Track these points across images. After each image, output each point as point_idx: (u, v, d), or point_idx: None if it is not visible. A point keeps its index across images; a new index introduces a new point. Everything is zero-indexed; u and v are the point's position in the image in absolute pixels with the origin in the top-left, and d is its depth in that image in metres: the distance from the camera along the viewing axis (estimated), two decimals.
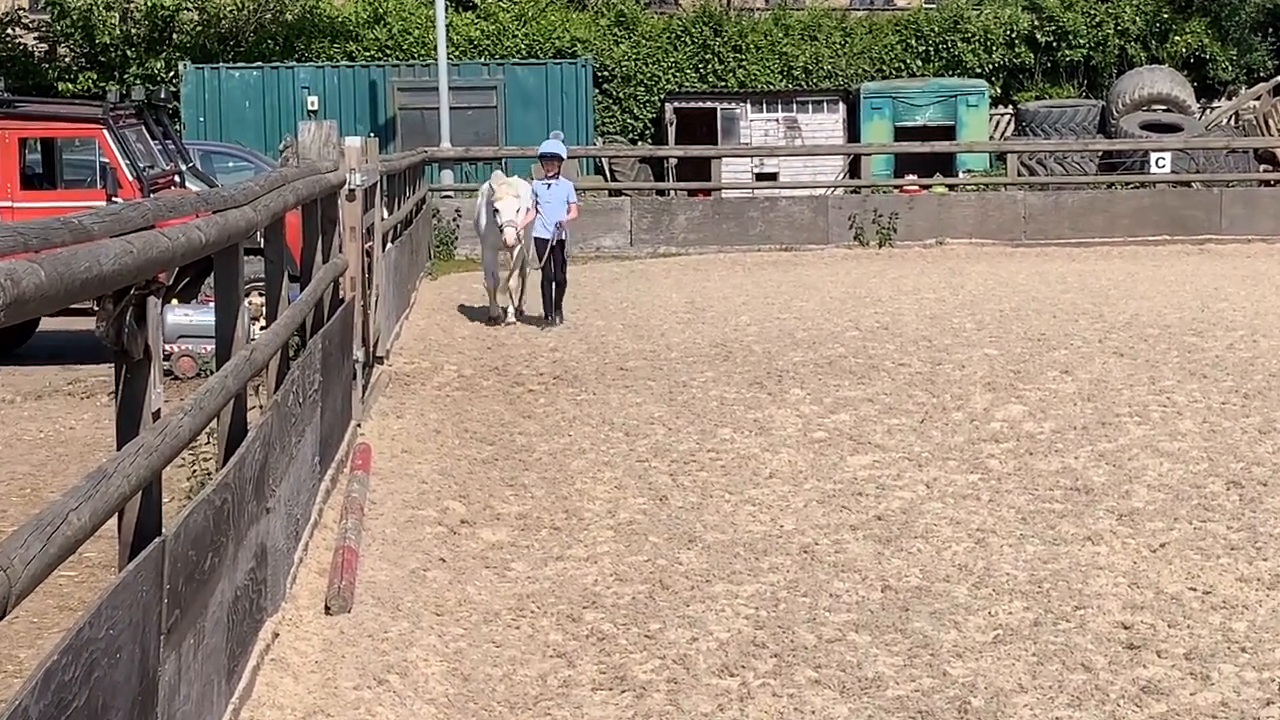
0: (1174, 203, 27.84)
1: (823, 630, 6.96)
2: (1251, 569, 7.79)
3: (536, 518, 9.13)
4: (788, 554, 8.24)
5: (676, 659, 6.62)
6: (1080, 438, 10.99)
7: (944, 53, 37.45)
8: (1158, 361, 14.14)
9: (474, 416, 12.26)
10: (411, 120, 33.67)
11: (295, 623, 6.90)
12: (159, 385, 4.91)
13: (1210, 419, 11.53)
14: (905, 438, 11.17)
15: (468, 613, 7.30)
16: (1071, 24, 37.41)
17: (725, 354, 15.08)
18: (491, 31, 36.58)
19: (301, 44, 35.95)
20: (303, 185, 8.57)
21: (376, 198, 14.24)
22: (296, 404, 7.67)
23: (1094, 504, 9.14)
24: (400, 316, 17.12)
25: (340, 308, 10.57)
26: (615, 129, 36.53)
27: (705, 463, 10.50)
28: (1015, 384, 13.11)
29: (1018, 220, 27.31)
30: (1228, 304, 18.45)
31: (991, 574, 7.78)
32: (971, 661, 6.54)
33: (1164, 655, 6.56)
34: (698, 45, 37.08)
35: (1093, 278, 21.78)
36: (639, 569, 8.00)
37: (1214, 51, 37.47)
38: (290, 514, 7.43)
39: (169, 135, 18.82)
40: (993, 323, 17.00)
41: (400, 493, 9.64)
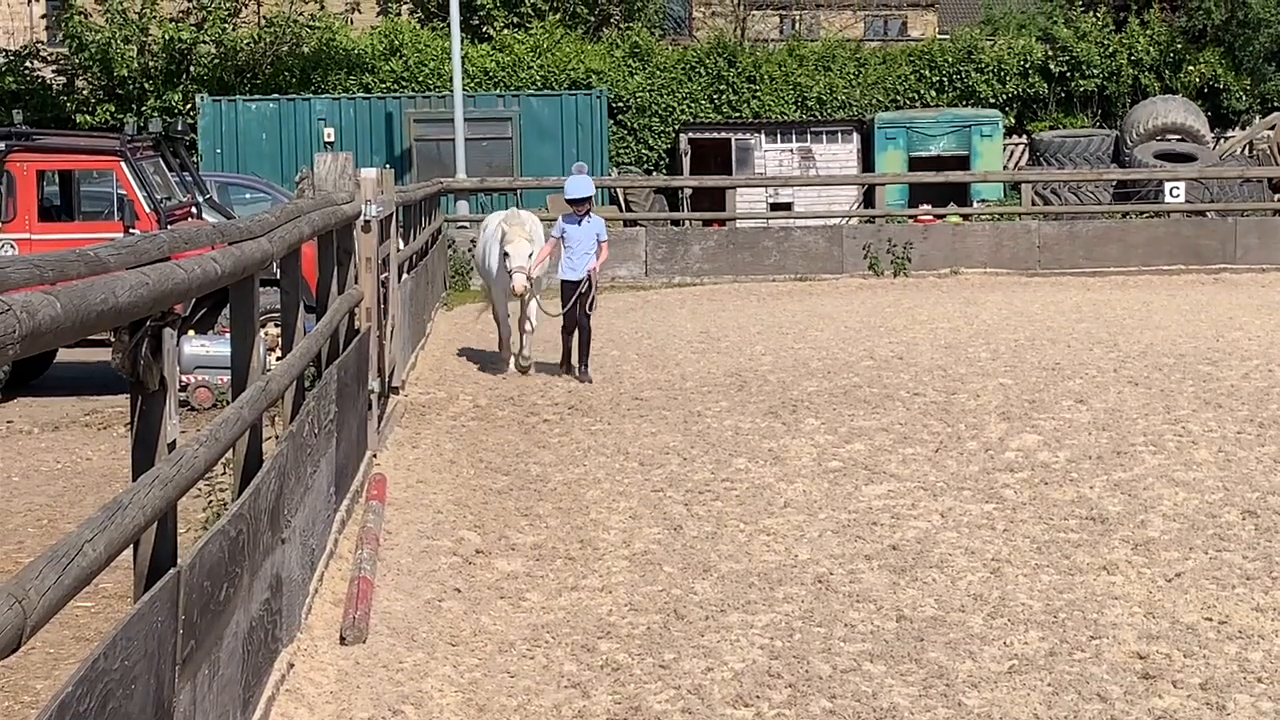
0: (1189, 232, 27.83)
1: (838, 660, 6.95)
2: (1268, 599, 7.77)
3: (551, 548, 9.13)
4: (802, 584, 8.23)
5: (691, 689, 6.62)
6: (1095, 467, 10.98)
7: (958, 83, 37.51)
8: (1173, 391, 14.12)
9: (489, 446, 12.28)
10: (427, 151, 33.76)
11: (310, 653, 6.91)
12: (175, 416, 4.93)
13: (1225, 448, 11.51)
14: (920, 467, 11.16)
15: (483, 643, 7.30)
16: (1085, 54, 37.45)
17: (740, 384, 15.08)
18: (507, 63, 36.70)
19: (318, 76, 36.09)
20: (318, 217, 8.61)
21: (392, 229, 14.29)
22: (312, 434, 7.70)
23: (1109, 533, 9.13)
24: (416, 347, 17.16)
25: (355, 338, 10.60)
26: (630, 159, 36.61)
27: (720, 492, 10.50)
28: (1030, 413, 13.10)
29: (1032, 250, 27.31)
30: (1243, 333, 18.42)
31: (1007, 604, 7.77)
32: (987, 692, 6.52)
33: (1180, 685, 6.54)
34: (712, 76, 37.17)
35: (1107, 307, 21.77)
36: (654, 599, 8.00)
37: (1228, 81, 37.48)
38: (305, 544, 7.45)
39: (186, 167, 18.90)
40: (1007, 352, 16.99)
41: (415, 523, 9.66)
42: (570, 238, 16.20)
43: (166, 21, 35.23)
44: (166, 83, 35.25)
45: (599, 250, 16.21)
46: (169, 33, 34.94)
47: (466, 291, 25.77)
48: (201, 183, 19.62)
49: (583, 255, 16.04)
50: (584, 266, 15.97)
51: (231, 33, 36.15)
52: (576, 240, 16.16)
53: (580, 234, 16.16)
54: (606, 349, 17.82)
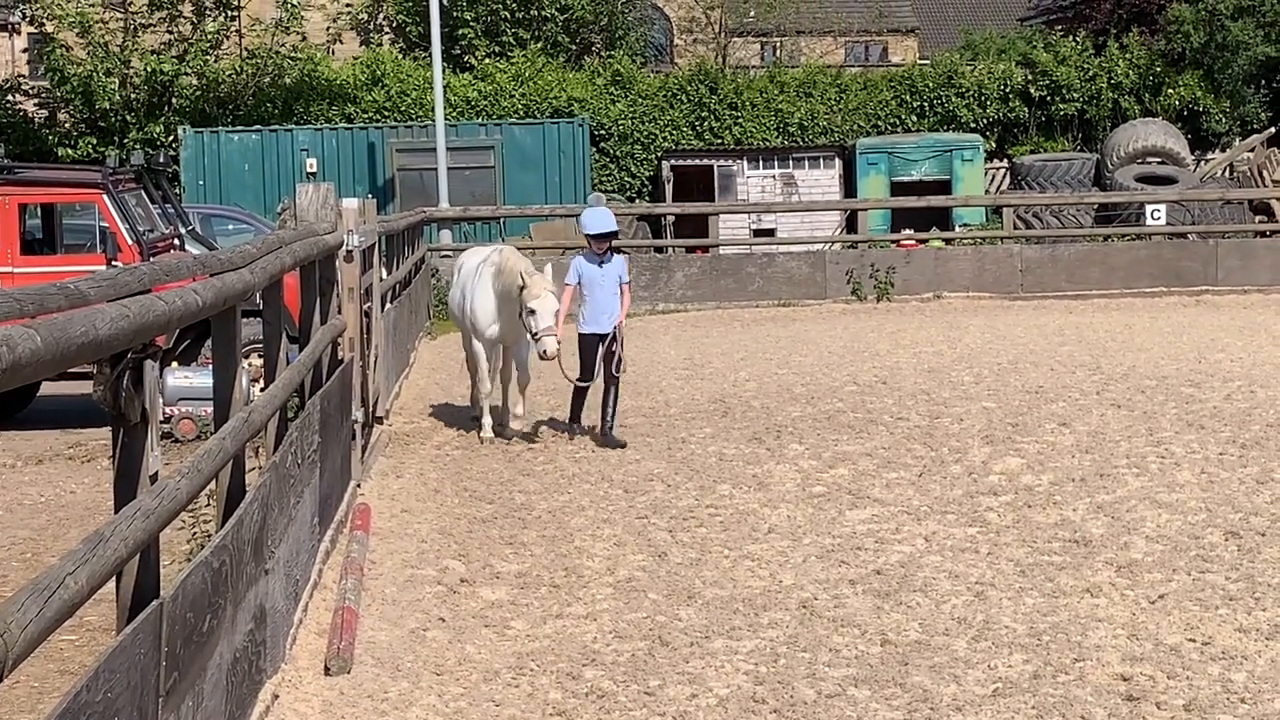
0: (1170, 254, 27.94)
1: (822, 685, 6.95)
2: (1250, 619, 7.79)
3: (536, 576, 9.13)
4: (787, 609, 8.24)
5: (676, 716, 6.62)
6: (1078, 490, 11.01)
7: (939, 108, 37.68)
8: (1155, 413, 14.17)
9: (473, 475, 12.29)
10: (410, 181, 33.81)
11: (295, 684, 6.90)
12: (157, 448, 4.94)
13: (1208, 470, 11.55)
14: (904, 491, 11.18)
15: (467, 672, 7.30)
16: (1065, 78, 37.64)
17: (724, 410, 15.10)
18: (489, 92, 36.80)
19: (300, 107, 36.16)
20: (300, 247, 8.63)
21: (375, 258, 14.30)
22: (295, 465, 7.70)
23: (1092, 556, 9.15)
24: (400, 376, 17.17)
25: (339, 369, 10.61)
26: (613, 187, 36.69)
27: (704, 519, 10.51)
28: (1013, 437, 13.13)
29: (1014, 273, 27.40)
30: (1225, 355, 18.48)
31: (991, 627, 7.78)
32: (971, 715, 6.53)
33: (1163, 707, 6.56)
34: (694, 103, 37.30)
35: (1090, 330, 21.83)
36: (638, 626, 8.00)
37: (1207, 104, 37.67)
38: (289, 575, 7.45)
39: (168, 199, 18.91)
40: (990, 376, 17.03)
41: (400, 552, 9.66)
42: (589, 282, 13.66)
43: (148, 54, 35.31)
44: (148, 115, 35.31)
45: (622, 296, 13.76)
46: (151, 65, 35.00)
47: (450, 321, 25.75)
48: (184, 215, 19.63)
49: (606, 302, 13.62)
50: (608, 317, 13.61)
51: (213, 64, 36.23)
52: (597, 285, 13.64)
53: (601, 277, 13.66)
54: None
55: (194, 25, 36.09)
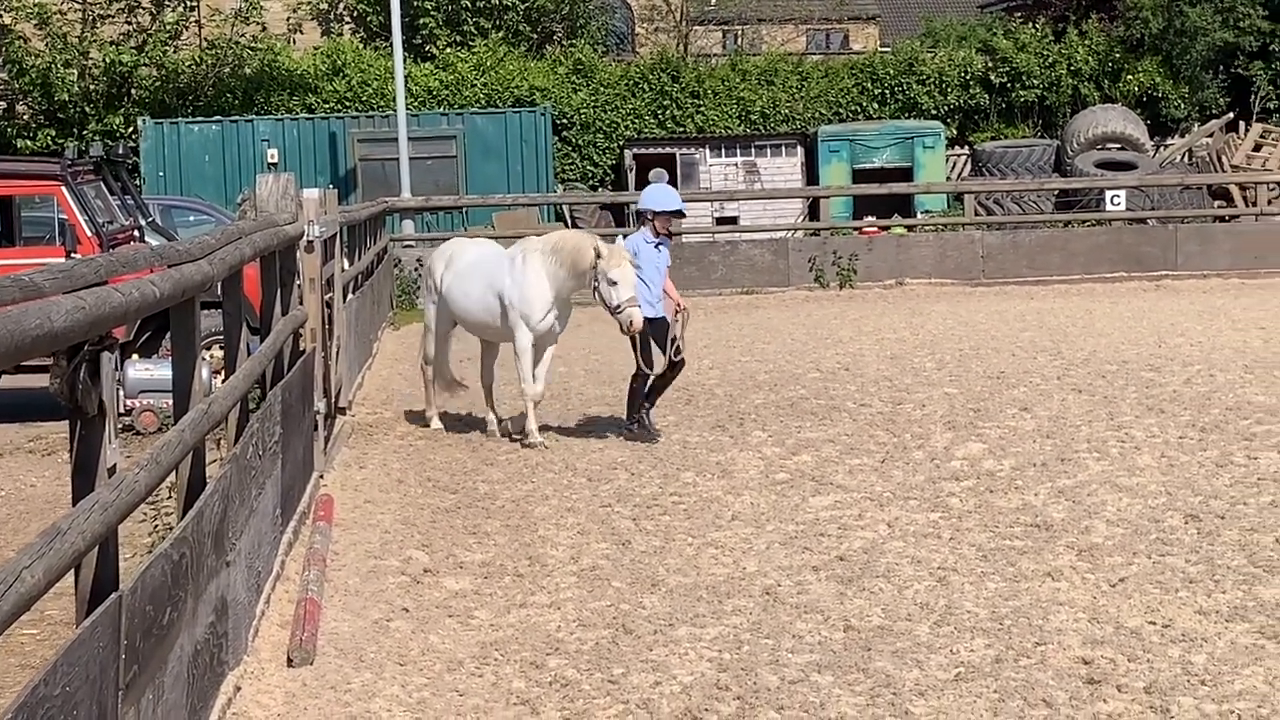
0: (1130, 240, 28.06)
1: (785, 671, 6.97)
2: (1210, 601, 7.84)
3: (499, 565, 9.13)
4: (750, 596, 8.26)
5: (640, 704, 6.62)
6: (1040, 474, 11.06)
7: (900, 95, 37.75)
8: (1116, 397, 14.24)
9: (437, 465, 12.27)
10: (372, 171, 33.71)
11: (257, 676, 6.89)
12: (114, 441, 4.91)
13: (1168, 453, 11.62)
14: (867, 478, 11.22)
15: (431, 662, 7.29)
16: (1025, 65, 37.75)
17: (687, 398, 15.11)
18: (450, 82, 36.70)
19: (261, 97, 35.99)
20: (260, 238, 8.60)
21: (336, 249, 14.26)
22: (256, 456, 7.68)
23: (1054, 540, 9.19)
24: (362, 367, 17.13)
25: (300, 359, 10.57)
26: (575, 176, 36.67)
27: (668, 506, 10.52)
28: (975, 422, 13.18)
29: (976, 260, 27.48)
30: (1184, 339, 18.59)
31: (953, 612, 7.81)
32: (934, 700, 6.56)
33: (1124, 690, 6.59)
34: (656, 92, 37.28)
35: (1051, 315, 21.92)
36: (602, 614, 8.00)
37: (1166, 90, 37.84)
38: (251, 567, 7.43)
39: (128, 190, 18.80)
40: (953, 362, 17.09)
41: (363, 543, 9.64)
42: (645, 264, 12.95)
43: (107, 45, 35.09)
44: (108, 106, 35.10)
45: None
46: (110, 56, 34.79)
47: (414, 311, 25.69)
48: (144, 206, 19.52)
49: (660, 285, 13.18)
50: (662, 302, 13.16)
51: (173, 55, 36.02)
52: (653, 267, 13.08)
53: (657, 259, 13.18)
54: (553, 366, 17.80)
55: (153, 16, 35.89)
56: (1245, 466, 11.08)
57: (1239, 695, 6.47)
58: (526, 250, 13.22)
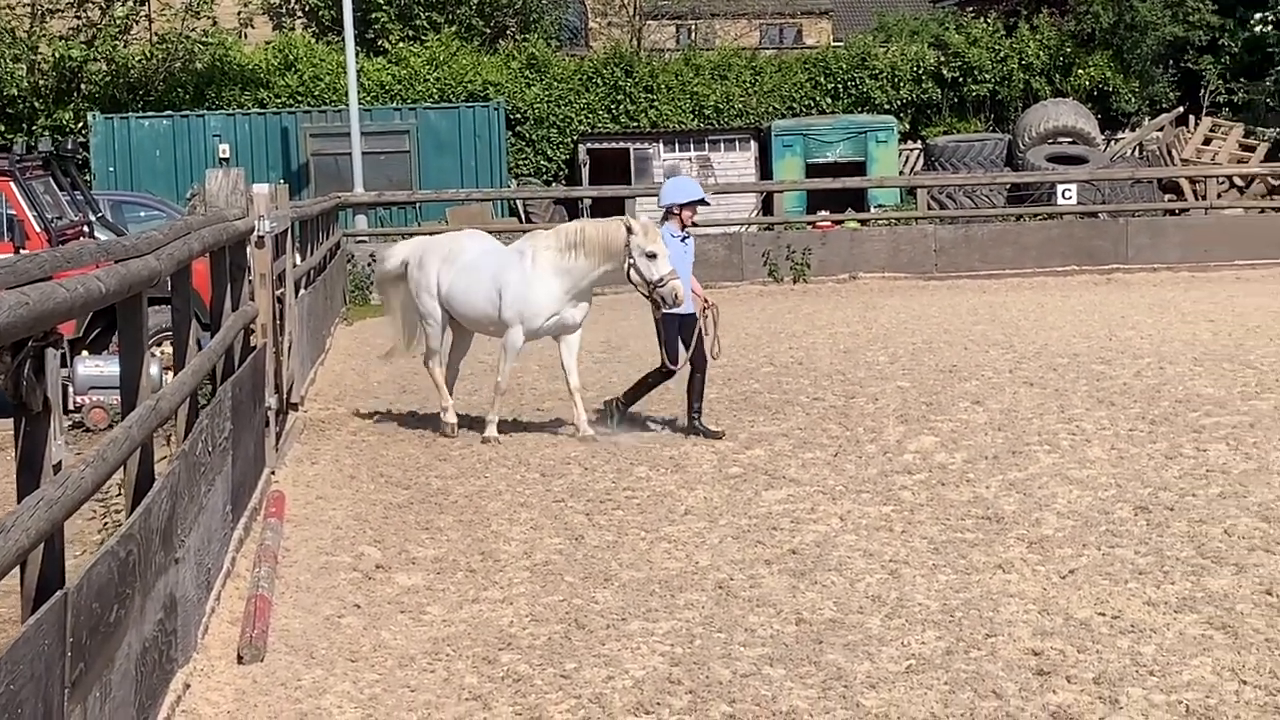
0: (1081, 233, 28.21)
1: (738, 665, 6.98)
2: (1159, 593, 7.89)
3: (452, 560, 9.11)
4: (703, 590, 8.26)
5: (592, 698, 6.62)
6: (991, 467, 11.11)
7: (852, 90, 37.85)
8: (1067, 390, 14.31)
9: (389, 460, 12.23)
10: (325, 166, 33.59)
11: (207, 673, 6.86)
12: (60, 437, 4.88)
13: (1118, 446, 11.69)
14: (819, 471, 11.24)
15: (382, 658, 7.27)
16: (977, 59, 37.90)
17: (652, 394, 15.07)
18: (403, 76, 36.60)
19: (212, 92, 35.81)
20: (209, 233, 8.55)
21: (288, 244, 14.19)
22: (206, 453, 7.64)
23: (1004, 532, 9.23)
24: (315, 362, 17.06)
25: (251, 355, 10.52)
26: (529, 171, 36.61)
27: (621, 501, 10.52)
28: (927, 416, 13.23)
29: (929, 254, 27.58)
30: (1135, 332, 18.70)
31: (904, 604, 7.84)
32: (885, 692, 6.58)
33: (1073, 680, 6.63)
34: (609, 86, 37.27)
35: (1003, 309, 22.02)
36: (555, 609, 8.00)
37: (1117, 84, 38.06)
38: (201, 563, 7.39)
39: (77, 186, 18.67)
40: (905, 356, 17.14)
41: (315, 539, 9.60)
42: (673, 259, 12.60)
43: (56, 39, 34.84)
44: (57, 101, 34.86)
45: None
46: (59, 51, 34.54)
47: (367, 306, 25.63)
48: (94, 201, 19.39)
49: (687, 280, 12.79)
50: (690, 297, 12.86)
51: (123, 50, 35.80)
52: (680, 262, 12.70)
53: (684, 253, 12.93)
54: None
55: (103, 10, 35.64)
56: (1194, 458, 11.16)
57: (1187, 686, 6.51)
58: (537, 247, 12.92)
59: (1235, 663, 6.76)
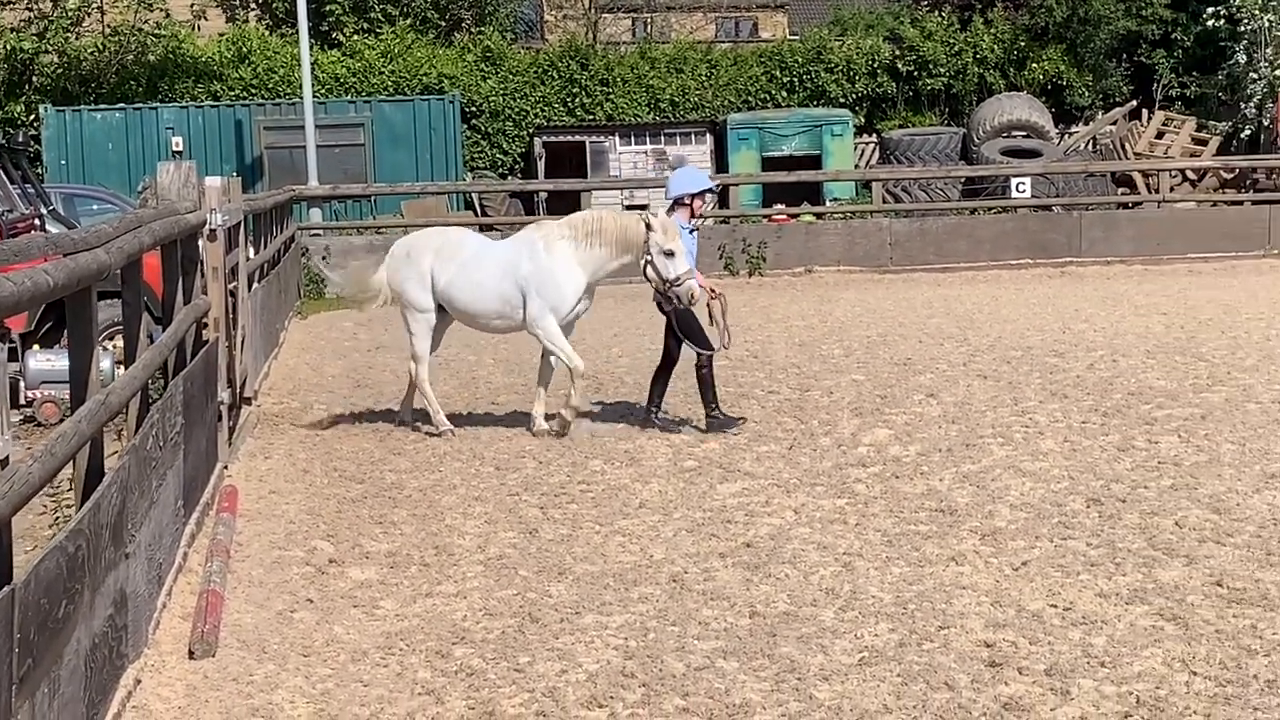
0: (1035, 227, 28.33)
1: (691, 658, 6.98)
2: (1110, 584, 7.93)
3: (406, 555, 9.08)
4: (657, 583, 8.26)
5: (545, 692, 6.61)
6: (945, 460, 11.14)
7: (808, 83, 37.91)
8: (1020, 383, 14.37)
9: (343, 455, 12.18)
10: (279, 159, 33.47)
11: (158, 668, 6.82)
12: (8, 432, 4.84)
13: (1071, 438, 11.74)
14: (774, 464, 11.26)
15: (335, 653, 7.24)
16: (931, 53, 38.01)
17: (596, 385, 15.10)
18: (358, 69, 36.47)
19: (165, 85, 35.61)
20: (160, 226, 8.49)
21: (240, 237, 14.13)
22: (157, 447, 7.59)
23: (958, 525, 9.26)
24: (268, 356, 16.99)
25: (203, 349, 10.47)
26: (484, 164, 36.54)
27: (576, 495, 10.51)
28: (882, 408, 13.26)
29: (884, 247, 27.65)
30: (1088, 325, 18.79)
31: (858, 597, 7.86)
32: (838, 684, 6.59)
33: (1025, 672, 6.65)
34: (565, 79, 37.23)
35: (957, 302, 22.10)
36: (509, 603, 7.98)
37: (1070, 78, 38.23)
38: (152, 559, 7.35)
39: (28, 179, 18.54)
40: (860, 349, 17.19)
41: (267, 534, 9.56)
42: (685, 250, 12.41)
43: (7, 31, 34.59)
44: (8, 94, 34.60)
45: None
46: (10, 43, 34.28)
47: (322, 300, 25.54)
48: (45, 195, 19.26)
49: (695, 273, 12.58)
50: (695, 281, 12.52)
51: (75, 42, 35.56)
52: (690, 253, 12.59)
53: (692, 244, 12.75)
54: (462, 354, 17.75)
55: (54, 2, 35.37)
56: (1146, 450, 11.23)
57: (1138, 677, 6.54)
58: (549, 237, 12.74)
59: (1185, 654, 6.80)
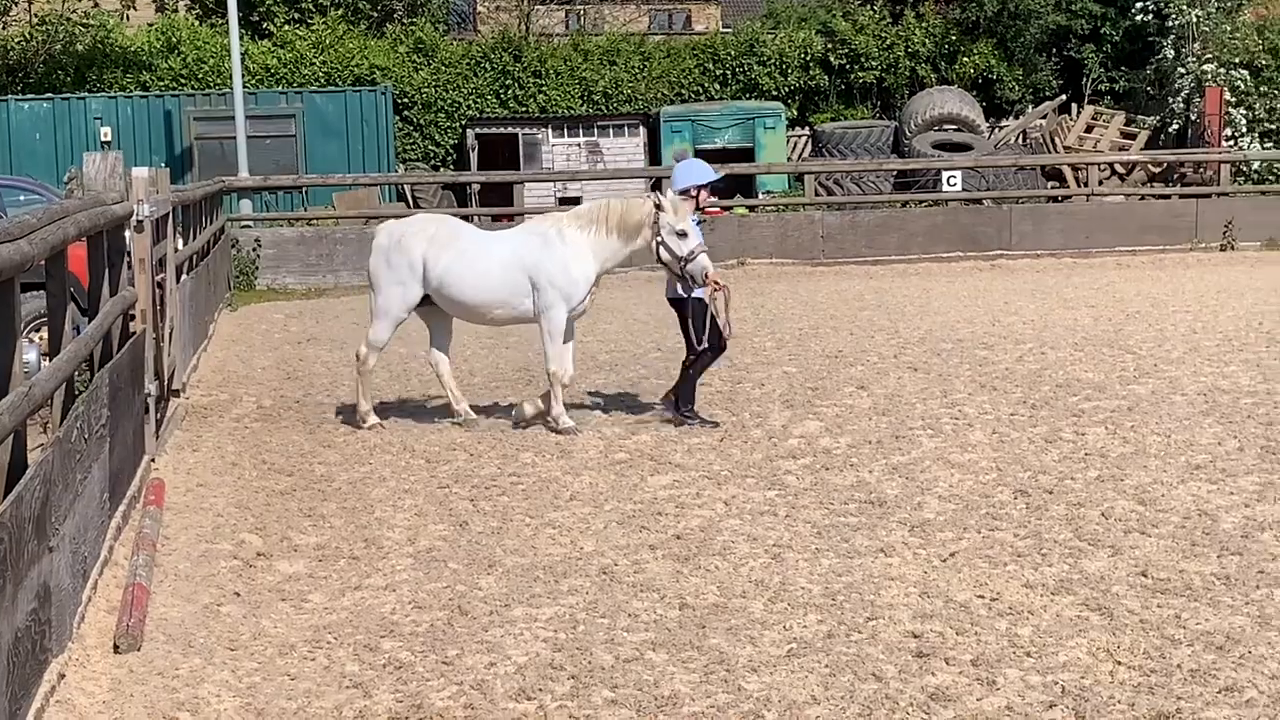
0: (966, 220, 28.51)
1: (620, 650, 6.98)
2: (1037, 575, 7.99)
3: (335, 548, 9.04)
4: (587, 576, 8.26)
5: (474, 685, 6.60)
6: (875, 451, 11.20)
7: (741, 76, 37.98)
8: (950, 375, 14.46)
9: (273, 448, 12.11)
10: (209, 150, 33.23)
11: (83, 663, 6.76)
12: None
13: (999, 430, 11.82)
14: (705, 456, 11.27)
15: (262, 646, 7.20)
16: (863, 47, 38.15)
17: (528, 378, 15.09)
18: (289, 60, 36.24)
19: (93, 75, 35.29)
20: (85, 217, 8.41)
21: (169, 229, 14.02)
22: (82, 440, 7.52)
23: (887, 516, 9.31)
24: (197, 349, 16.86)
25: (130, 341, 10.37)
26: (417, 156, 36.40)
27: (506, 487, 10.49)
28: (813, 401, 13.31)
29: (816, 240, 27.75)
30: (1017, 318, 18.93)
31: (787, 588, 7.88)
32: (766, 676, 6.61)
33: (952, 662, 6.70)
34: (498, 71, 37.13)
35: (889, 295, 22.20)
36: (438, 596, 7.96)
37: (1000, 72, 38.46)
38: (77, 552, 7.28)
39: None
40: (792, 341, 17.24)
41: (195, 527, 9.49)
42: None
43: None
44: None
45: None
46: None
47: (252, 292, 25.40)
48: None
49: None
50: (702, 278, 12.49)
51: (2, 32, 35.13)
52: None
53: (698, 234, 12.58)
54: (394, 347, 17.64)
55: None
56: (1073, 442, 11.32)
57: (1063, 667, 6.60)
58: (560, 226, 12.58)
59: (1110, 643, 6.86)
